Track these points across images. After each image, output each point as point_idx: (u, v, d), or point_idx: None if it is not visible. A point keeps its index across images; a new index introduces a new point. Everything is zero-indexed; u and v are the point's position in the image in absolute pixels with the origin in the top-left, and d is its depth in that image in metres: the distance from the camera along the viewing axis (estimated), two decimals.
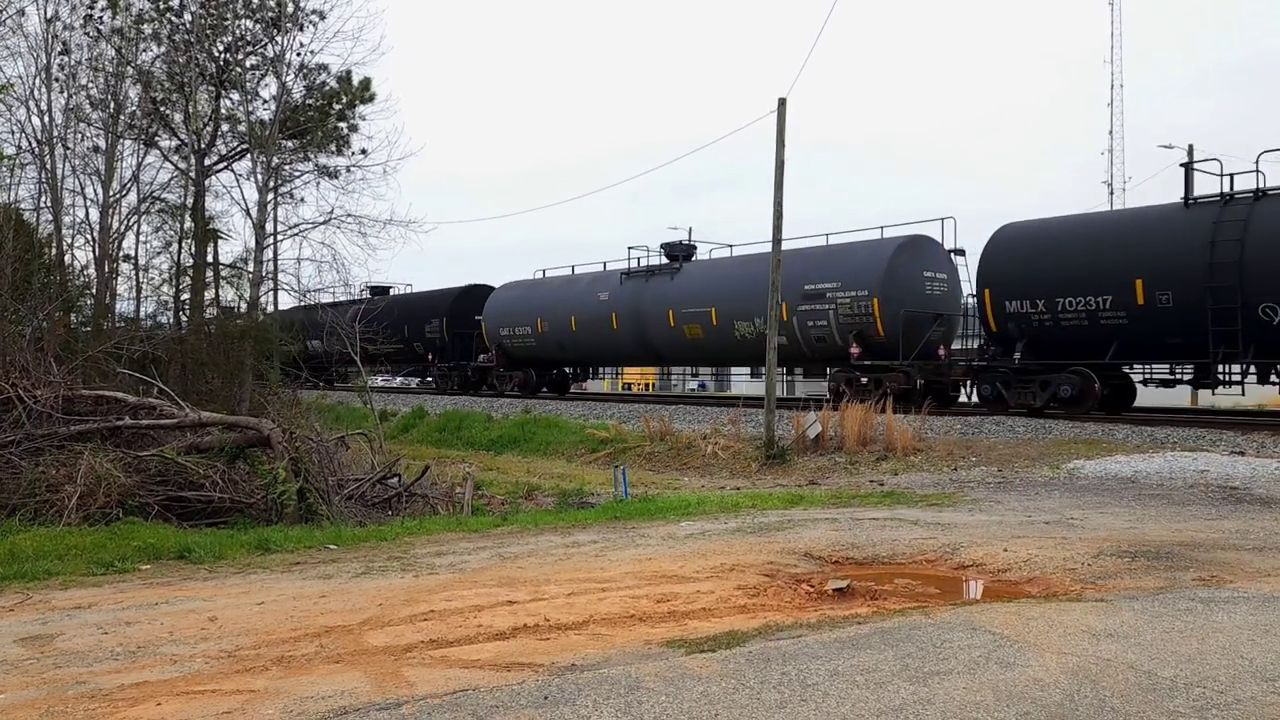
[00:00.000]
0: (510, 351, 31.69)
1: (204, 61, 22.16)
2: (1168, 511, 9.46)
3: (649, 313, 26.38)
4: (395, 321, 35.79)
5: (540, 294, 30.93)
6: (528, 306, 30.82)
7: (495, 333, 31.77)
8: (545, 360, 31.46)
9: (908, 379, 20.41)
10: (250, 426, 11.73)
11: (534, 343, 30.35)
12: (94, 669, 4.67)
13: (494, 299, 32.71)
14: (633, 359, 30.54)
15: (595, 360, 31.96)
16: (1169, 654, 4.55)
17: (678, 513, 9.88)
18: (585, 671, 4.39)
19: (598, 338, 28.53)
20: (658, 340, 26.52)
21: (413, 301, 37.29)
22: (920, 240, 21.86)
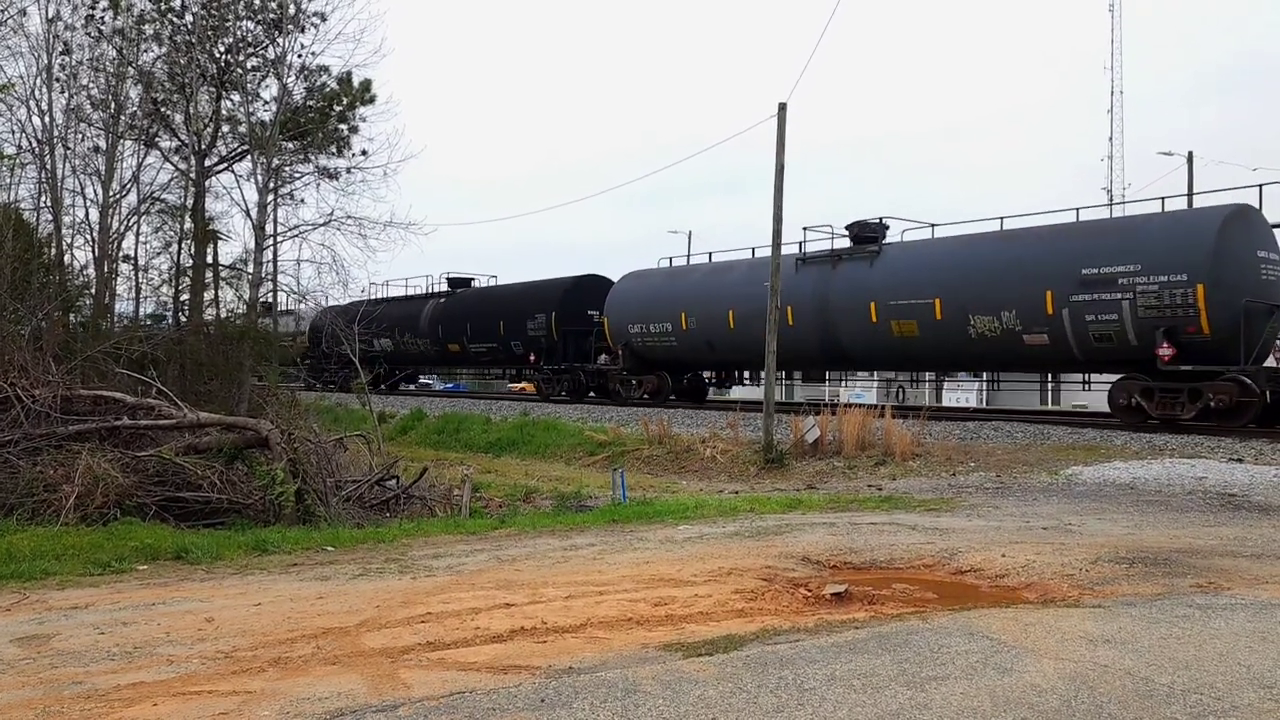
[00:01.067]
0: (640, 352, 26.72)
1: (205, 62, 22.18)
2: (1166, 518, 9.46)
3: (839, 305, 21.51)
4: (484, 318, 32.83)
5: (684, 284, 26.12)
6: (667, 298, 25.88)
7: (622, 330, 26.88)
8: (686, 362, 26.71)
9: (1244, 390, 15.89)
10: (248, 427, 11.73)
11: (674, 342, 25.56)
12: (90, 669, 4.66)
13: (620, 290, 27.92)
14: (810, 361, 24.52)
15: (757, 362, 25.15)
16: (1166, 660, 4.55)
17: (676, 516, 9.87)
18: (582, 674, 4.39)
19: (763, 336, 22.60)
20: (850, 338, 21.63)
21: (509, 295, 33.24)
22: (1248, 211, 16.98)
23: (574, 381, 29.44)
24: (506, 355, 32.80)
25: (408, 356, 38.30)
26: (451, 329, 34.63)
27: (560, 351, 29.80)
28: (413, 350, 37.23)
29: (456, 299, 35.85)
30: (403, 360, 39.26)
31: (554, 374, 30.37)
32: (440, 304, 35.75)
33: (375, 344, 35.84)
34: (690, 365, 27.21)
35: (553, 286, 31.44)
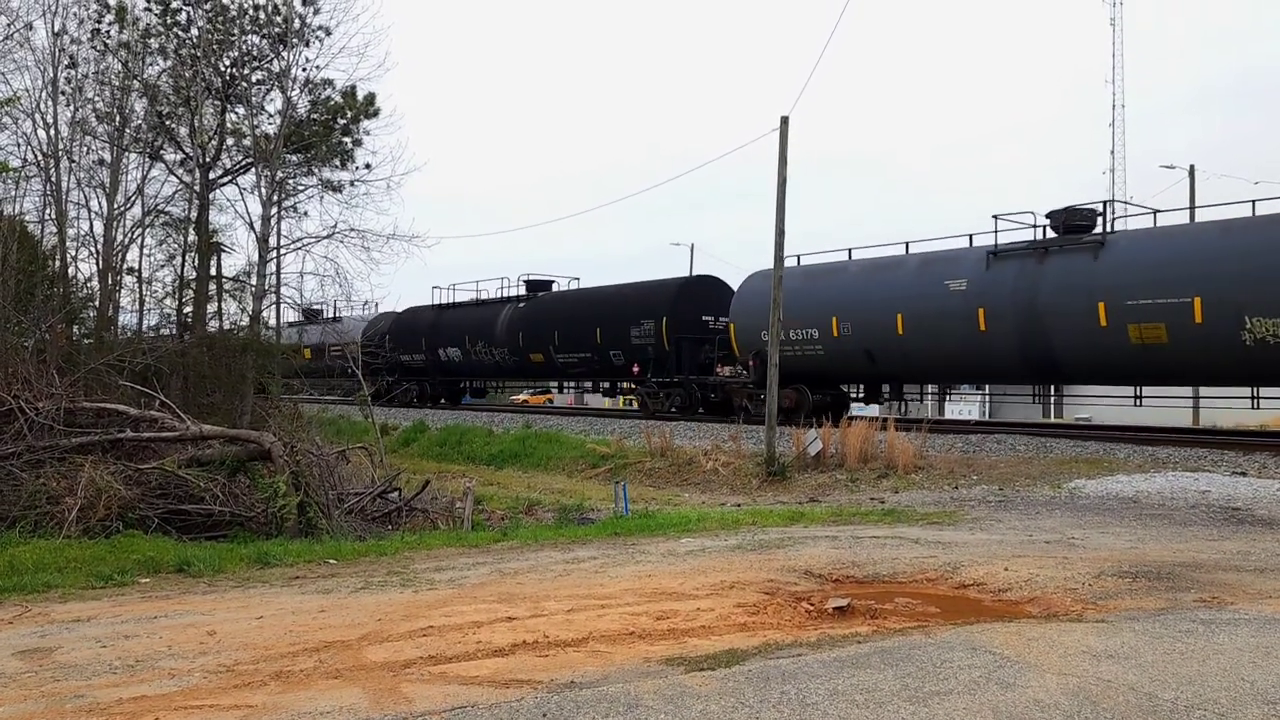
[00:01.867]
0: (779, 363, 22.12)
1: (210, 76, 22.27)
2: (1169, 532, 9.44)
3: (1052, 306, 17.97)
4: (576, 324, 29.31)
5: (833, 284, 22.43)
6: (810, 301, 22.32)
7: (753, 338, 23.02)
8: (833, 374, 23.08)
9: None
10: (251, 440, 11.74)
11: (821, 350, 22.02)
12: (92, 682, 4.66)
13: (749, 293, 24.03)
14: (1005, 372, 20.79)
15: (931, 374, 22.63)
16: (1170, 676, 4.53)
17: (678, 529, 9.86)
18: (584, 689, 4.38)
19: (946, 343, 19.71)
20: (1067, 346, 17.91)
21: (608, 299, 29.20)
22: None
23: (687, 396, 25.92)
24: (603, 366, 28.93)
25: (480, 367, 34.57)
26: (535, 336, 30.91)
27: (672, 362, 25.99)
28: (485, 361, 33.57)
29: (539, 303, 31.99)
30: (474, 372, 35.73)
31: (661, 387, 26.70)
32: (519, 309, 32.08)
33: (441, 353, 34.20)
34: (839, 378, 23.48)
35: (662, 288, 27.71)
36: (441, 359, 35.00)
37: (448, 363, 35.14)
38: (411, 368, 36.62)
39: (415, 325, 36.76)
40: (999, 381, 22.88)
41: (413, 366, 36.60)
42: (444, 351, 34.74)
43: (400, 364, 36.36)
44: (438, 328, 35.44)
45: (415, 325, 36.76)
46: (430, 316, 36.39)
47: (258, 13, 22.45)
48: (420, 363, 36.15)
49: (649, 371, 26.81)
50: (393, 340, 36.47)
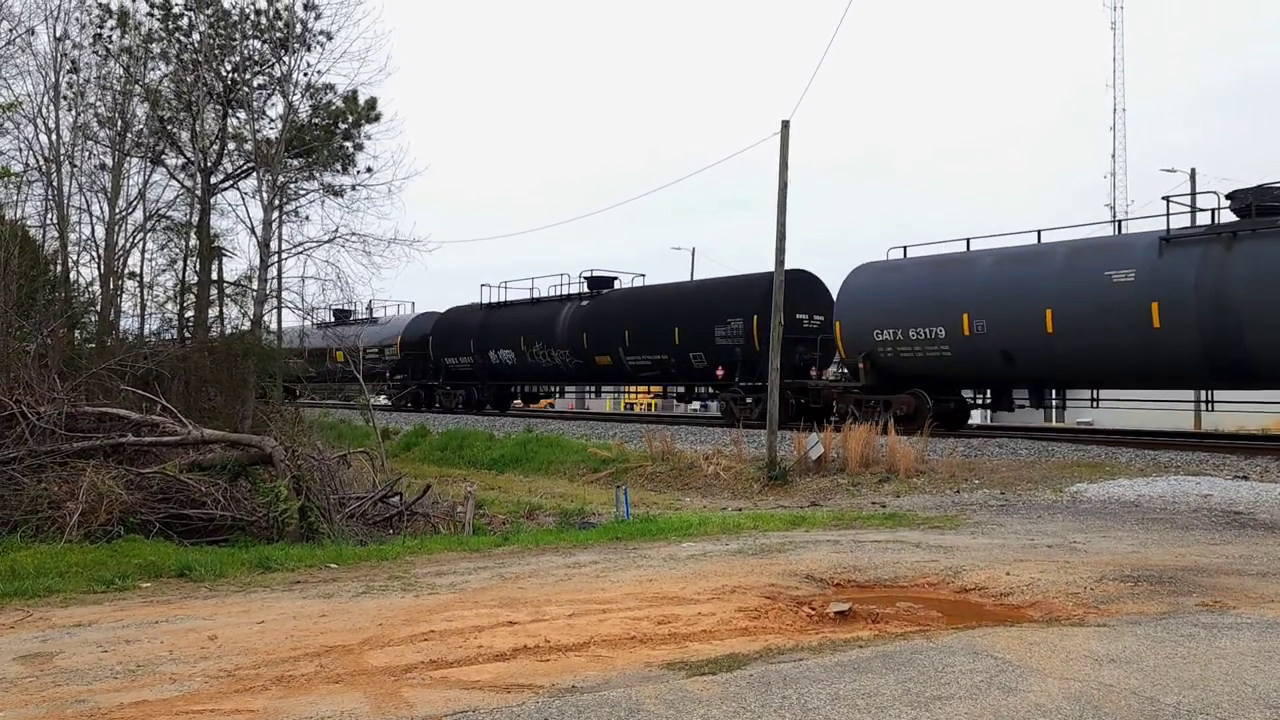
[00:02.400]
0: (890, 365, 20.60)
1: (211, 81, 22.32)
2: (1171, 535, 9.43)
3: (1246, 299, 15.73)
4: (650, 323, 26.69)
5: (961, 277, 19.81)
6: (934, 296, 19.81)
7: (862, 337, 20.93)
8: (960, 378, 20.51)
9: None
10: (252, 444, 11.75)
11: (946, 351, 19.48)
12: (93, 687, 4.66)
13: (857, 287, 21.69)
14: (1180, 375, 17.89)
15: (1084, 377, 19.41)
16: (1172, 680, 4.53)
17: (679, 533, 9.86)
18: (585, 693, 4.38)
19: (1109, 342, 17.29)
20: (1266, 343, 15.69)
21: (688, 295, 26.68)
22: None
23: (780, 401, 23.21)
24: (682, 369, 25.99)
25: (537, 371, 31.48)
26: (601, 337, 28.14)
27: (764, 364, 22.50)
28: (544, 364, 30.52)
29: (605, 301, 29.28)
30: (530, 376, 32.66)
31: (750, 392, 23.92)
32: (582, 307, 29.31)
33: (492, 356, 31.60)
34: (966, 382, 20.88)
35: (752, 284, 24.62)
36: (492, 362, 32.21)
37: (499, 366, 32.31)
38: (457, 371, 34.28)
39: (462, 326, 34.09)
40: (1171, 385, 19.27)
41: (459, 370, 34.22)
42: (495, 354, 32.01)
43: (445, 368, 34.42)
44: (488, 328, 32.61)
45: (462, 326, 34.09)
46: (479, 317, 33.48)
47: (259, 18, 22.50)
48: (467, 366, 33.64)
49: (736, 375, 24.07)
50: (437, 342, 34.57)
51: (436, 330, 35.20)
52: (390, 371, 36.99)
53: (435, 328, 35.33)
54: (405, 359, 36.40)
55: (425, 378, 35.77)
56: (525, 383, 34.57)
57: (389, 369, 36.94)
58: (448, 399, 34.89)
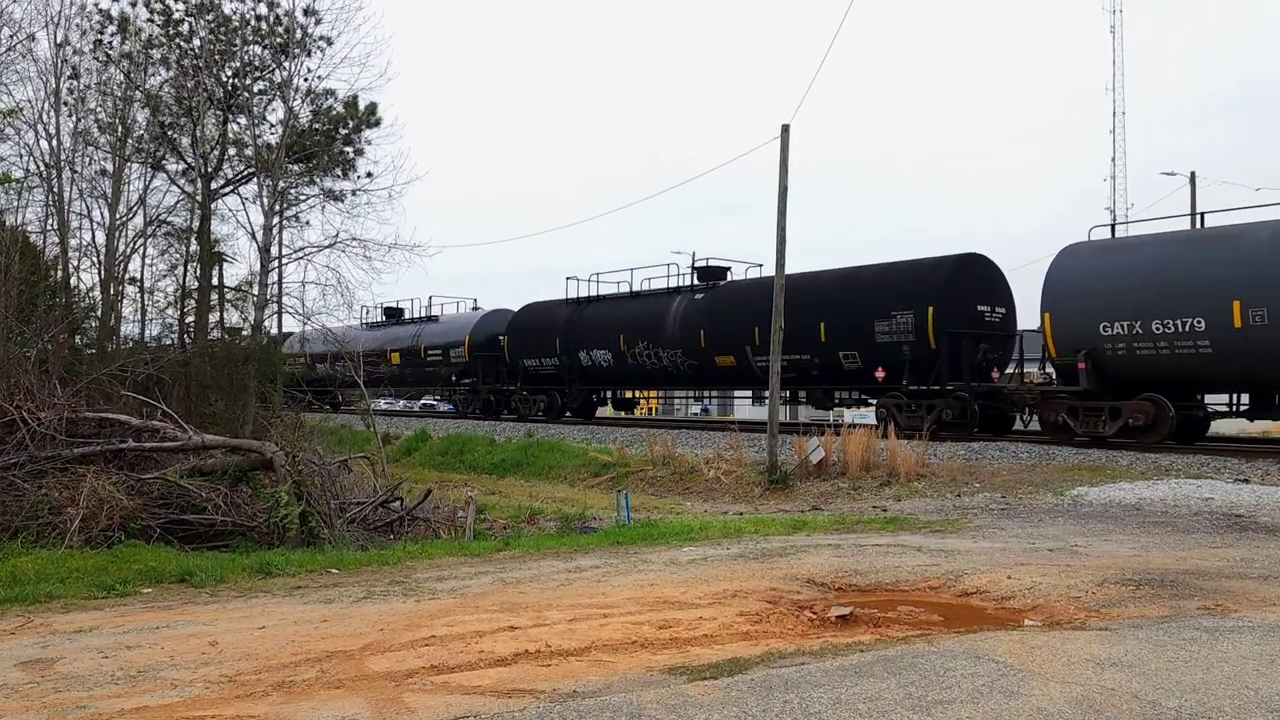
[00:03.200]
0: (1119, 366, 17.28)
1: (212, 86, 22.36)
2: (1172, 539, 9.42)
3: None
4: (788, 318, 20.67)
5: (1232, 253, 16.32)
6: (1183, 280, 16.51)
7: (1084, 332, 17.55)
8: (1224, 379, 17.06)
9: None
10: (253, 449, 11.74)
11: (1208, 346, 16.17)
12: (94, 693, 4.65)
13: (1072, 271, 18.12)
14: None
15: None
16: (1174, 684, 4.52)
17: (680, 538, 9.86)
18: (587, 698, 4.37)
19: None
20: None
21: (838, 285, 22.66)
22: None
23: (960, 408, 19.73)
24: (827, 371, 22.39)
25: (641, 374, 27.52)
26: (723, 335, 24.51)
27: (942, 364, 19.75)
28: (648, 365, 26.68)
29: (725, 294, 25.50)
30: (632, 379, 28.81)
31: (917, 398, 20.47)
32: (696, 301, 25.65)
33: (582, 357, 28.23)
34: (1226, 384, 17.40)
35: (927, 270, 21.01)
36: (582, 364, 28.48)
37: (591, 369, 28.42)
38: (538, 374, 30.48)
39: (543, 324, 30.24)
40: None
41: (540, 373, 30.37)
42: (587, 354, 28.23)
43: (523, 371, 30.72)
44: (576, 326, 28.95)
45: (543, 324, 30.24)
46: (564, 313, 29.72)
47: (260, 23, 22.55)
48: (550, 369, 29.85)
49: (904, 377, 20.53)
50: (513, 342, 31.02)
51: (513, 329, 31.48)
52: (457, 375, 34.20)
53: (511, 326, 31.70)
54: (474, 361, 33.18)
55: (498, 381, 32.38)
56: (624, 387, 30.71)
57: (455, 372, 34.12)
58: (526, 405, 31.10)
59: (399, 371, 36.50)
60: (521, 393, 31.12)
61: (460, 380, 34.30)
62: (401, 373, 36.51)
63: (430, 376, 36.19)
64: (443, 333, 35.41)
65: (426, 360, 35.19)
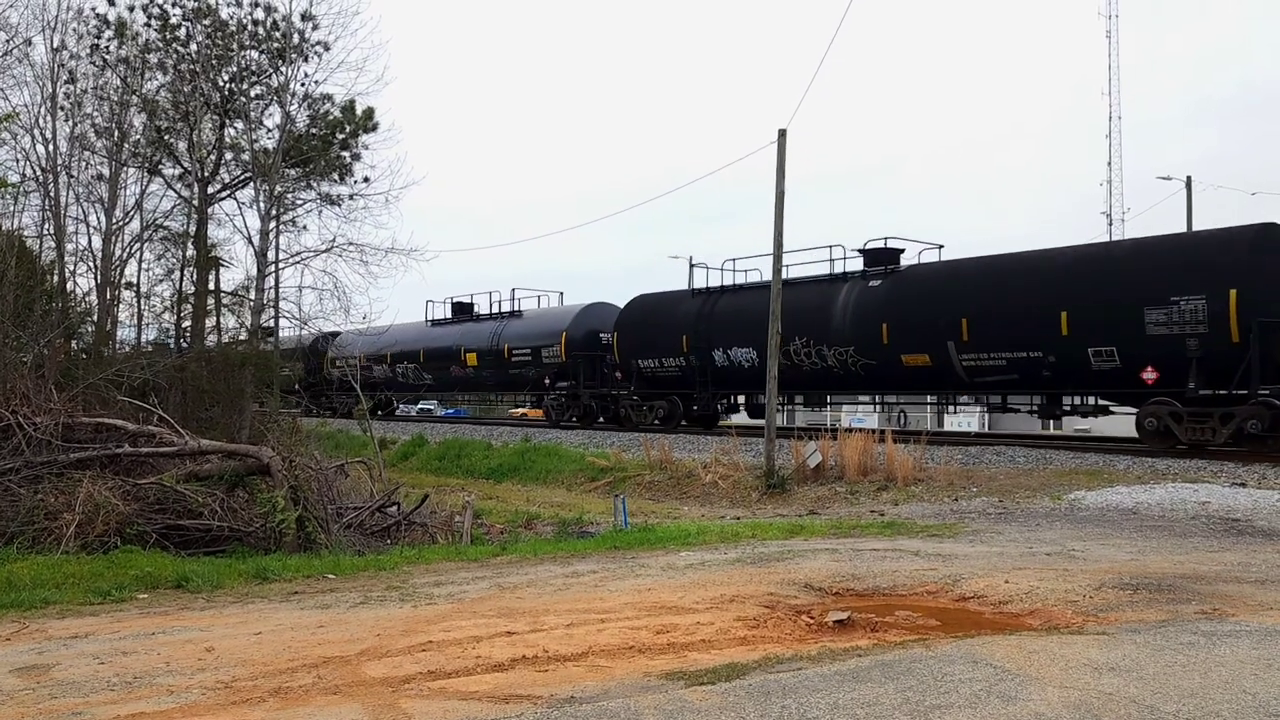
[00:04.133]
0: None
1: (209, 91, 22.36)
2: (1169, 543, 9.43)
3: None
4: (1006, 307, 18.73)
5: None
6: None
7: None
8: None
9: None
10: (250, 454, 11.72)
11: None
12: (90, 699, 4.64)
13: None
14: None
15: None
16: (1171, 688, 4.52)
17: (677, 542, 9.85)
18: (584, 704, 4.36)
19: None
20: None
21: (1083, 263, 18.40)
22: None
23: (1272, 418, 15.84)
24: (1065, 372, 18.20)
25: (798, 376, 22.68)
26: (912, 328, 20.21)
27: (1253, 362, 15.86)
28: (807, 366, 22.46)
29: (910, 279, 21.07)
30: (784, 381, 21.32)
31: (1207, 403, 16.75)
32: (875, 289, 21.41)
33: (716, 356, 24.26)
34: None
35: (1213, 245, 17.00)
36: (717, 364, 24.35)
37: (730, 369, 24.20)
38: (656, 377, 26.10)
39: (664, 319, 25.92)
40: None
41: (660, 376, 25.98)
42: (723, 353, 24.15)
43: (637, 372, 26.45)
44: (710, 321, 24.67)
45: (664, 319, 25.92)
46: (691, 306, 25.46)
47: (257, 28, 22.57)
48: (674, 370, 25.56)
49: (1190, 379, 16.51)
50: (624, 340, 26.75)
51: (623, 325, 27.12)
52: (551, 378, 29.56)
53: (621, 322, 27.31)
54: (573, 362, 28.73)
55: (602, 384, 28.06)
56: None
57: (549, 374, 29.65)
58: (640, 412, 26.55)
59: (475, 374, 32.52)
60: (633, 398, 26.90)
61: (555, 384, 29.53)
62: (478, 376, 32.51)
63: (515, 380, 31.11)
64: (531, 329, 30.59)
65: (511, 361, 30.51)
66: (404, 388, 36.88)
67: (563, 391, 29.36)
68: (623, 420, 27.43)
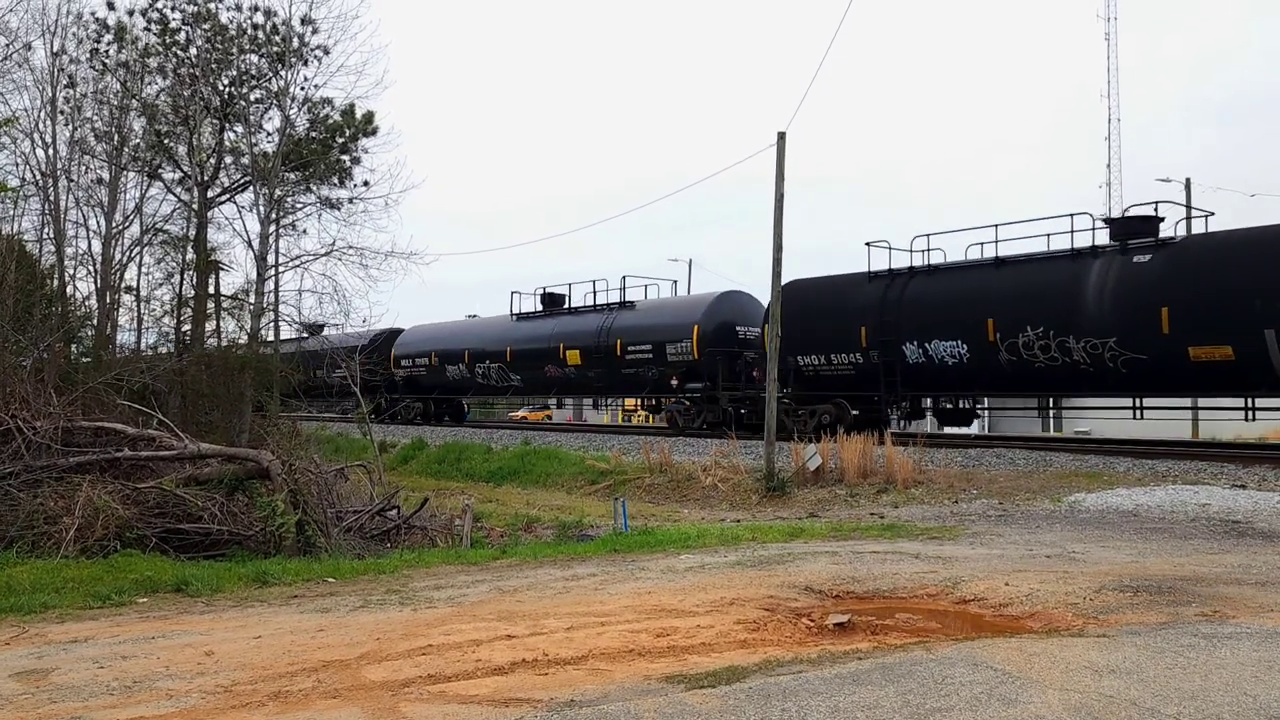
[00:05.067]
0: None
1: (208, 95, 22.37)
2: (1170, 545, 9.42)
3: None
4: None
5: None
6: None
7: None
8: None
9: None
10: (249, 458, 11.72)
11: None
12: (89, 703, 4.63)
13: None
14: None
15: None
16: (1172, 691, 4.52)
17: (677, 545, 9.84)
18: (584, 707, 4.36)
19: None
20: None
21: None
22: None
23: None
24: None
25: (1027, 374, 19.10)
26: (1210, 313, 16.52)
27: None
28: (1042, 362, 18.57)
29: (1206, 250, 17.29)
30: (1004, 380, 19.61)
31: None
32: (1140, 264, 17.70)
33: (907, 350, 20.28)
34: None
35: None
36: (908, 360, 20.45)
37: (925, 366, 20.29)
38: (820, 377, 22.17)
39: (832, 306, 22.07)
40: None
41: (825, 375, 22.11)
42: (917, 347, 20.20)
43: (796, 371, 22.16)
44: (897, 308, 20.69)
45: (832, 306, 22.07)
46: (871, 291, 21.26)
47: (256, 32, 22.58)
48: (847, 368, 21.69)
49: None
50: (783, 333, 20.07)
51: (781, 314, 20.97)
52: (680, 378, 25.19)
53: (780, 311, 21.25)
54: (708, 360, 24.56)
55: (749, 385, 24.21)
56: (988, 392, 21.21)
57: (677, 374, 25.19)
58: (797, 418, 22.25)
59: (578, 375, 28.18)
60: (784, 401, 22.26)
61: (685, 385, 25.06)
62: (582, 376, 28.30)
63: (631, 381, 26.71)
64: (650, 322, 26.18)
65: (625, 359, 26.29)
66: (486, 390, 33.00)
67: (695, 393, 25.06)
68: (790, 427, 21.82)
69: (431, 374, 34.22)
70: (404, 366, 35.07)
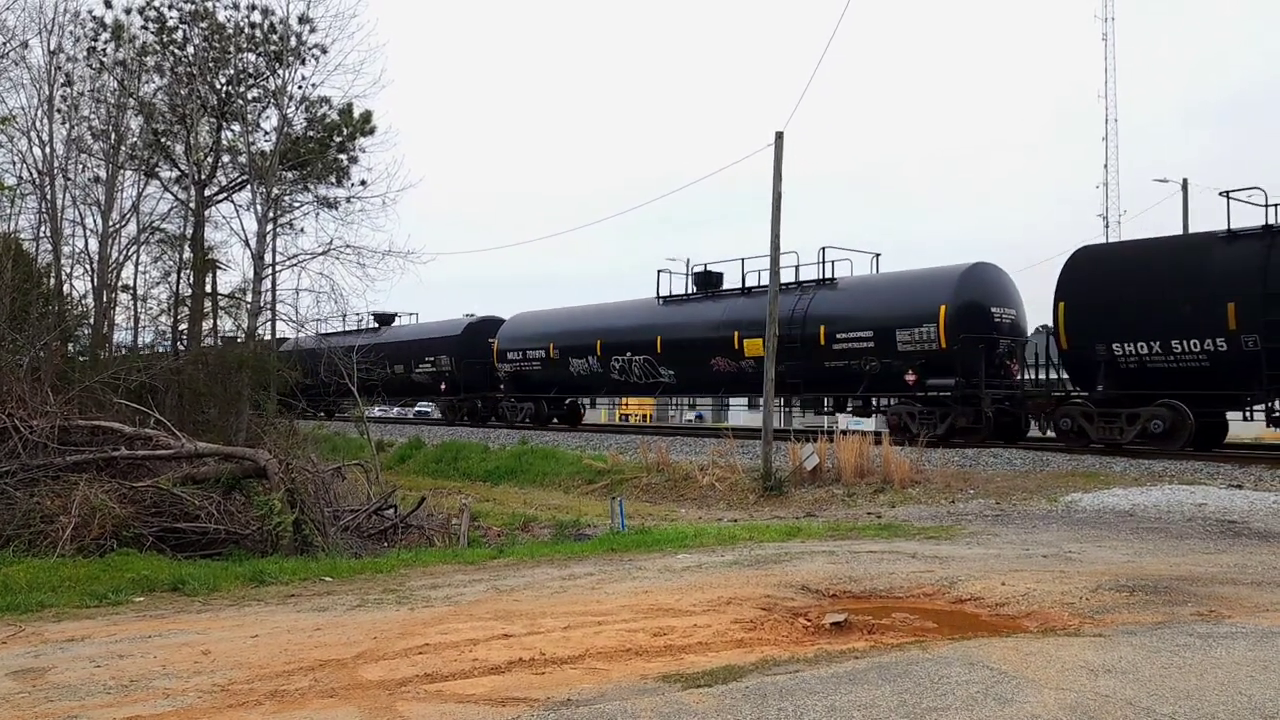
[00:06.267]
0: None
1: (206, 93, 22.36)
2: (1166, 545, 9.44)
3: None
4: None
5: None
6: None
7: None
8: None
9: None
10: (246, 457, 11.71)
11: None
12: (86, 703, 4.63)
13: None
14: None
15: None
16: (1168, 690, 4.53)
17: (675, 545, 9.84)
18: (581, 706, 4.36)
19: None
20: None
21: None
22: None
23: None
24: None
25: None
26: None
27: None
28: None
29: None
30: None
31: None
32: None
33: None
34: None
35: None
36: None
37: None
38: (1146, 370, 16.83)
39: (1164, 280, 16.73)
40: None
41: (1152, 368, 16.78)
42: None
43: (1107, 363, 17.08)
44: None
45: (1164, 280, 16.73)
46: (1240, 254, 15.90)
47: (254, 31, 22.56)
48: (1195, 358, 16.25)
49: None
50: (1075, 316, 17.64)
51: (1074, 294, 17.71)
52: (918, 373, 19.96)
53: (1070, 290, 17.74)
54: (960, 350, 19.37)
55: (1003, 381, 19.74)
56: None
57: (914, 368, 20.00)
58: (1107, 427, 17.33)
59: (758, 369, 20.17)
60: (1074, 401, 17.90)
61: (926, 381, 19.76)
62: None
63: (840, 376, 21.21)
64: (867, 303, 21.12)
65: (832, 349, 21.01)
66: (623, 389, 27.73)
67: (944, 392, 19.51)
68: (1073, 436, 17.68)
69: (548, 368, 28.36)
70: (510, 360, 29.50)
